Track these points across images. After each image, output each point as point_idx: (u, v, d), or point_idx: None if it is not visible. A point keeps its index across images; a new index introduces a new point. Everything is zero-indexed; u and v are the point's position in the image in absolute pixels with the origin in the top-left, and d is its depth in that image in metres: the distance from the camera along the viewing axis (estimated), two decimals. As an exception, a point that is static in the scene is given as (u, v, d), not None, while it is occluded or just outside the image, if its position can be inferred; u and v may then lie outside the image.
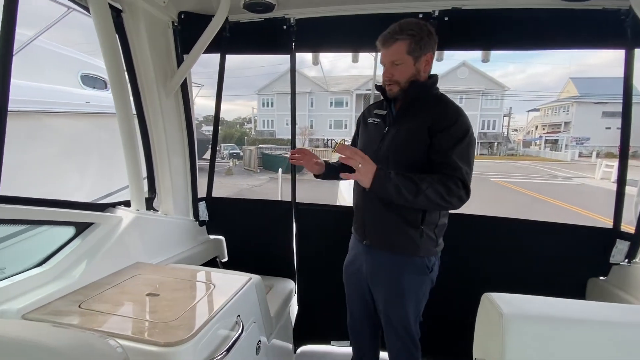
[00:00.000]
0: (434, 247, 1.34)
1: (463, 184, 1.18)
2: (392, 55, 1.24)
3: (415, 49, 1.22)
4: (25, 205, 1.07)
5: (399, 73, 1.26)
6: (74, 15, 2.59)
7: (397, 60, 1.24)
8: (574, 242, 1.62)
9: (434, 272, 1.37)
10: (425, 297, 1.40)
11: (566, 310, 0.69)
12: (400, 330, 1.40)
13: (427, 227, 1.30)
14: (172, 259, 1.66)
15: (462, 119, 1.24)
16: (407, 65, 1.24)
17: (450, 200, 1.17)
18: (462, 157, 1.20)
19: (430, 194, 1.15)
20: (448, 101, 1.30)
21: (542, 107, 42.92)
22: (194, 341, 0.89)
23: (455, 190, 1.16)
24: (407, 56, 1.23)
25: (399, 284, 1.35)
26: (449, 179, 1.17)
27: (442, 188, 1.16)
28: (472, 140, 1.23)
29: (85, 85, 3.89)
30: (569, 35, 1.47)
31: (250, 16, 1.69)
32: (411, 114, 1.29)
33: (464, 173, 1.19)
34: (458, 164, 1.19)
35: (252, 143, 28.27)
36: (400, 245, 1.32)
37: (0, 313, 0.96)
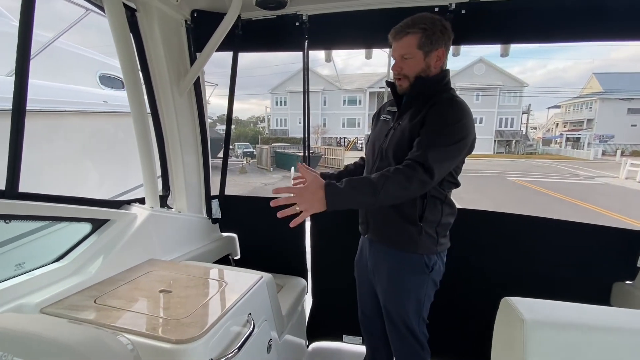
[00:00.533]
0: (434, 246, 1.30)
1: (423, 167, 1.08)
2: (402, 48, 1.21)
3: (426, 43, 1.19)
4: (43, 202, 1.10)
5: (408, 67, 1.23)
6: (93, 18, 2.65)
7: (406, 54, 1.21)
8: (598, 243, 1.54)
9: (435, 272, 1.33)
10: (429, 298, 1.36)
11: (596, 317, 0.64)
12: (402, 327, 1.37)
13: (427, 225, 1.26)
14: (185, 256, 1.67)
15: (454, 110, 1.17)
16: (416, 60, 1.21)
17: (411, 188, 1.08)
18: (431, 141, 1.12)
19: (390, 187, 1.06)
20: (448, 94, 1.23)
21: (563, 104, 41.44)
22: (205, 339, 0.89)
23: (413, 175, 1.07)
24: (418, 50, 1.19)
25: (398, 280, 1.33)
26: (405, 165, 1.10)
27: (400, 177, 1.07)
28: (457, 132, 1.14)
29: (103, 85, 4.00)
30: (596, 26, 1.39)
31: (263, 13, 1.68)
32: (412, 111, 1.25)
33: (428, 157, 1.08)
34: (422, 147, 1.11)
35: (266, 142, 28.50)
36: (398, 240, 1.31)
37: (20, 306, 0.98)
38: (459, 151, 1.17)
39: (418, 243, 1.27)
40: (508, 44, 1.60)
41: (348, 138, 35.24)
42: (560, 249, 1.58)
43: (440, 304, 1.41)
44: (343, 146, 30.05)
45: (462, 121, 1.16)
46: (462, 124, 1.16)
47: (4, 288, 0.99)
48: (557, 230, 1.60)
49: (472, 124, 1.20)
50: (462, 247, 1.40)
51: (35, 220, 1.12)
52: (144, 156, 1.50)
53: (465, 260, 1.46)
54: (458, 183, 1.31)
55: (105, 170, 3.38)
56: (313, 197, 1.04)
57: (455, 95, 1.25)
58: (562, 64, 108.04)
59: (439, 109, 1.18)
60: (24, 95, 1.02)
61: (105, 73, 4.10)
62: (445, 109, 1.18)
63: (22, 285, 1.03)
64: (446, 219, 1.30)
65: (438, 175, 1.12)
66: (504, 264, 1.65)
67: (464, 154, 1.21)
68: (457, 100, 1.21)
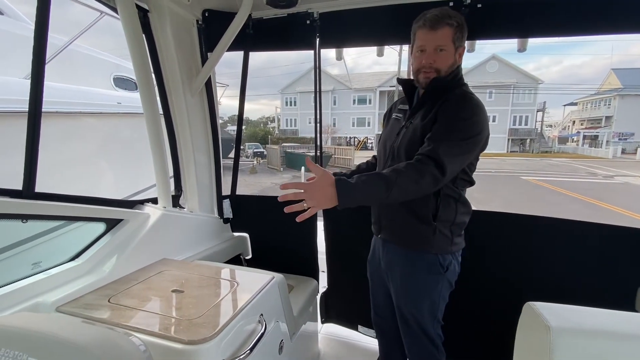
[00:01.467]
0: (449, 246, 1.27)
1: (435, 162, 1.05)
2: (440, 39, 1.15)
3: (458, 37, 1.17)
4: (59, 202, 1.11)
5: (441, 60, 1.17)
6: (109, 21, 2.70)
7: (443, 46, 1.16)
8: (620, 245, 1.47)
9: (450, 272, 1.30)
10: (444, 299, 1.33)
11: (628, 324, 0.60)
12: (416, 329, 1.34)
13: (442, 224, 1.23)
14: (197, 255, 1.68)
15: (466, 105, 1.14)
16: (449, 54, 1.17)
17: (423, 182, 1.05)
18: (444, 136, 1.09)
19: (402, 182, 1.03)
20: (460, 89, 1.20)
21: (580, 101, 40.28)
22: (217, 339, 0.89)
23: (425, 169, 1.04)
24: (451, 44, 1.16)
25: (411, 279, 1.31)
26: (416, 160, 1.07)
27: (411, 171, 1.05)
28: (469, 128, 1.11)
29: (117, 87, 4.08)
30: (617, 18, 1.33)
31: (273, 12, 1.67)
32: (425, 109, 1.23)
33: (439, 152, 1.06)
34: (433, 142, 1.08)
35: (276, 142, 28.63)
36: (411, 240, 1.29)
37: (36, 305, 1.00)
38: (472, 147, 1.14)
39: (432, 242, 1.25)
40: (525, 39, 1.55)
41: (358, 137, 35.09)
42: (579, 251, 1.52)
43: (456, 306, 1.37)
44: (353, 146, 29.93)
45: (475, 117, 1.13)
46: (475, 120, 1.13)
47: (22, 287, 1.01)
48: (576, 232, 1.53)
49: (486, 119, 1.17)
50: (478, 249, 1.36)
51: (51, 219, 1.14)
52: (156, 156, 1.51)
53: (482, 262, 1.42)
54: (472, 181, 1.28)
55: (119, 170, 3.44)
56: (322, 192, 1.00)
57: (469, 90, 1.22)
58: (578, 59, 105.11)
59: (451, 104, 1.15)
60: (39, 98, 1.03)
61: (119, 75, 4.18)
62: (458, 104, 1.15)
63: (38, 284, 1.05)
64: (461, 218, 1.27)
65: (450, 170, 1.08)
66: (521, 266, 1.60)
67: (477, 150, 1.17)
68: (470, 95, 1.18)
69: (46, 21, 1.02)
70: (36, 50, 1.02)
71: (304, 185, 1.01)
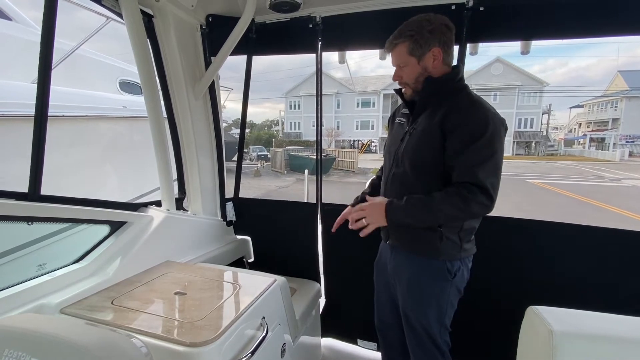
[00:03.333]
0: (457, 252, 1.25)
1: (480, 188, 1.10)
2: (396, 59, 1.26)
3: (415, 48, 1.20)
4: (64, 204, 1.13)
5: (405, 74, 1.26)
6: (114, 26, 2.75)
7: (401, 63, 1.25)
8: (631, 250, 1.45)
9: (458, 279, 1.28)
10: (452, 306, 1.32)
11: (629, 328, 0.60)
12: (423, 335, 1.32)
13: (449, 230, 1.22)
14: (200, 258, 1.69)
15: (477, 114, 1.14)
16: (411, 66, 1.23)
17: (468, 209, 1.12)
18: (476, 159, 1.11)
19: (446, 208, 1.13)
20: (463, 94, 1.21)
21: (587, 103, 39.88)
22: (218, 342, 0.89)
23: (470, 197, 1.10)
24: (410, 57, 1.22)
25: (418, 286, 1.30)
26: (461, 187, 1.12)
27: (456, 199, 1.12)
28: (493, 136, 1.12)
29: (122, 91, 4.14)
30: (624, 20, 1.32)
31: (276, 16, 1.69)
32: (427, 114, 1.24)
33: (480, 176, 1.10)
34: (471, 168, 1.11)
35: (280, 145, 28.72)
36: (419, 247, 1.28)
37: (41, 306, 1.01)
38: (500, 153, 1.16)
39: (439, 249, 1.23)
40: (528, 41, 1.54)
41: (362, 140, 35.07)
42: (588, 256, 1.50)
43: (464, 312, 1.35)
44: (357, 148, 29.91)
45: (491, 123, 1.13)
46: (492, 128, 1.13)
47: (27, 288, 1.02)
48: (584, 237, 1.51)
49: (495, 115, 1.17)
50: (484, 254, 1.35)
51: (56, 222, 1.15)
52: (160, 159, 1.52)
53: (489, 268, 1.40)
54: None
55: (124, 173, 3.47)
56: (378, 211, 1.22)
57: (471, 92, 1.22)
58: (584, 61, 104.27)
59: (462, 116, 1.15)
60: (46, 102, 1.05)
61: (124, 79, 4.23)
62: (470, 115, 1.14)
63: (43, 286, 1.06)
64: (469, 224, 1.26)
65: (495, 192, 1.13)
66: (529, 272, 1.58)
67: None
68: (476, 100, 1.18)
69: (53, 26, 1.04)
70: (43, 54, 1.03)
71: (364, 206, 1.27)
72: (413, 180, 1.24)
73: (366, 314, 1.69)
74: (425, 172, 1.22)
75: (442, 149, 1.17)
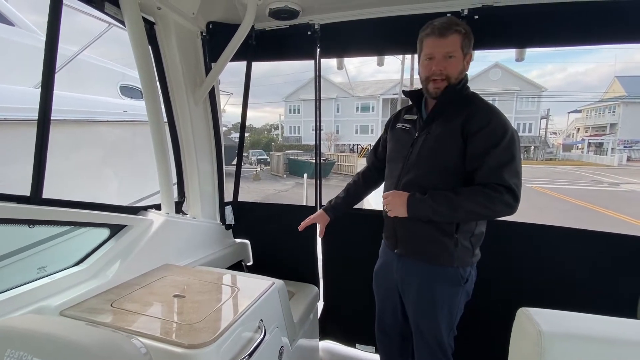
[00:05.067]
0: (469, 258, 1.27)
1: (506, 188, 1.11)
2: (450, 45, 1.16)
3: (466, 45, 1.19)
4: (65, 207, 1.14)
5: (451, 67, 1.18)
6: (115, 31, 2.78)
7: (453, 52, 1.17)
8: (625, 253, 1.47)
9: (469, 283, 1.30)
10: (460, 310, 1.32)
11: (616, 330, 0.61)
12: (432, 343, 1.33)
13: (462, 236, 1.23)
14: (199, 261, 1.70)
15: (497, 118, 1.17)
16: (458, 60, 1.19)
17: (494, 208, 1.13)
18: (500, 161, 1.13)
19: (469, 205, 1.14)
20: (479, 100, 1.24)
21: (584, 108, 40.08)
22: (216, 344, 0.90)
23: (497, 197, 1.11)
24: (460, 50, 1.18)
25: (431, 294, 1.29)
26: (487, 187, 1.12)
27: (481, 197, 1.12)
28: (513, 140, 1.15)
29: (123, 95, 4.17)
30: (616, 29, 1.35)
31: (276, 24, 1.72)
32: (443, 119, 1.24)
33: (505, 177, 1.12)
34: (496, 169, 1.13)
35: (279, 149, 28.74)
36: (433, 254, 1.27)
37: (41, 309, 1.02)
38: (519, 158, 1.17)
39: (454, 255, 1.24)
40: (522, 49, 1.57)
41: (361, 145, 35.13)
42: (584, 259, 1.51)
43: (465, 314, 1.37)
44: (356, 153, 29.96)
45: (508, 128, 1.16)
46: (510, 131, 1.16)
47: (27, 290, 1.03)
48: (580, 240, 1.53)
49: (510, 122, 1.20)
50: (485, 258, 1.36)
51: (56, 225, 1.17)
52: (160, 163, 1.54)
53: (487, 271, 1.42)
54: None
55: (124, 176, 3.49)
56: (399, 201, 1.23)
57: (483, 98, 1.26)
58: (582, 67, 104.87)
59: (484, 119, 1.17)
60: (49, 106, 1.07)
61: (125, 84, 4.27)
62: (490, 120, 1.17)
63: (43, 288, 1.07)
64: (479, 229, 1.27)
65: (520, 191, 1.14)
66: (525, 275, 1.60)
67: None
68: (491, 105, 1.22)
69: (57, 32, 1.06)
70: (47, 60, 1.06)
71: (388, 194, 1.29)
72: (432, 183, 1.23)
73: (364, 318, 1.70)
74: (444, 176, 1.22)
75: (462, 153, 1.18)
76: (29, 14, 3.64)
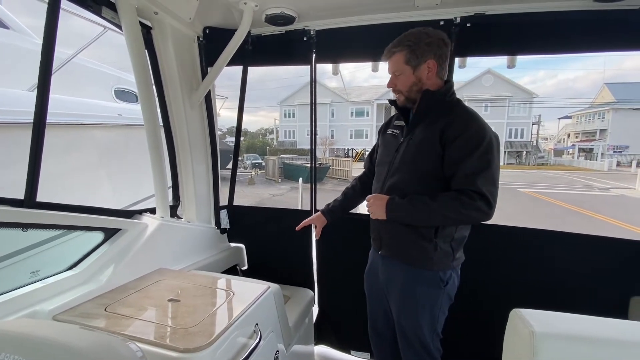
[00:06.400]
0: (450, 261, 1.29)
1: (479, 195, 1.14)
2: (392, 67, 1.30)
3: (412, 58, 1.24)
4: (59, 211, 1.13)
5: (400, 83, 1.30)
6: (110, 34, 2.78)
7: (396, 71, 1.29)
8: (615, 257, 1.50)
9: (450, 286, 1.31)
10: (443, 312, 1.34)
11: (607, 330, 0.63)
12: (416, 343, 1.34)
13: (442, 240, 1.26)
14: (194, 265, 1.69)
15: (475, 126, 1.20)
16: (406, 75, 1.28)
17: (468, 214, 1.16)
18: (475, 168, 1.16)
19: (444, 210, 1.18)
20: (460, 107, 1.27)
21: (575, 114, 40.86)
22: (212, 348, 0.89)
23: (471, 203, 1.14)
24: (406, 66, 1.26)
25: (412, 296, 1.32)
26: (462, 193, 1.16)
27: (456, 203, 1.16)
28: (490, 146, 1.18)
29: (118, 99, 4.14)
30: (602, 37, 1.40)
31: (272, 29, 1.74)
32: (424, 125, 1.28)
33: (479, 184, 1.15)
34: (470, 176, 1.16)
35: (274, 153, 28.73)
36: (413, 257, 1.30)
37: (34, 313, 1.01)
38: (497, 160, 1.20)
39: (433, 259, 1.26)
40: (514, 56, 1.61)
41: (356, 149, 35.29)
42: (575, 262, 1.54)
43: (453, 318, 1.38)
44: (351, 157, 30.07)
45: (486, 135, 1.18)
46: (487, 138, 1.18)
47: (19, 295, 1.02)
48: (572, 244, 1.56)
49: (490, 129, 1.22)
50: (474, 261, 1.38)
51: (51, 229, 1.15)
52: (155, 167, 1.54)
53: (479, 274, 1.44)
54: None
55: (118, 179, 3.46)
56: (380, 203, 1.29)
57: (466, 106, 1.28)
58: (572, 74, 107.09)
59: (461, 126, 1.19)
60: (44, 110, 1.07)
61: (120, 87, 4.25)
62: (468, 127, 1.19)
63: (36, 293, 1.06)
64: (460, 233, 1.29)
65: (495, 199, 1.17)
66: (517, 279, 1.62)
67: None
68: (471, 112, 1.25)
69: (54, 35, 1.06)
70: (43, 64, 1.05)
71: (370, 197, 1.36)
72: (413, 188, 1.27)
73: (359, 324, 1.70)
74: (425, 181, 1.26)
75: (441, 159, 1.22)
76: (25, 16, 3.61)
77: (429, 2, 1.46)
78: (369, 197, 1.35)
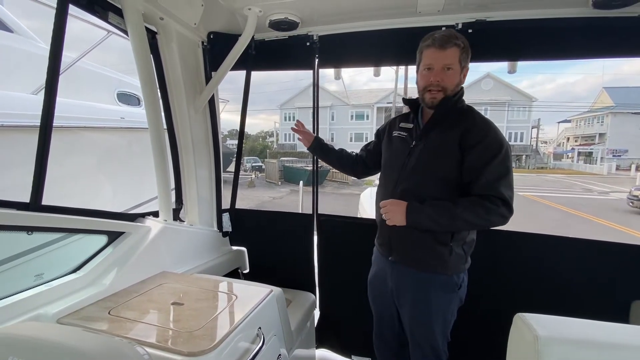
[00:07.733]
0: (463, 264, 1.30)
1: (502, 201, 1.16)
2: (448, 58, 1.19)
3: (464, 58, 1.22)
4: (63, 214, 1.14)
5: (448, 79, 1.22)
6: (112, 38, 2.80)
7: (451, 65, 1.20)
8: (616, 261, 1.51)
9: (462, 290, 1.32)
10: (454, 316, 1.34)
11: (610, 334, 0.63)
12: (427, 349, 1.34)
13: (456, 244, 1.26)
14: (197, 268, 1.69)
15: (493, 132, 1.21)
16: (456, 73, 1.22)
17: (490, 219, 1.17)
18: (497, 174, 1.17)
19: (467, 216, 1.17)
20: (476, 114, 1.28)
21: (574, 118, 40.94)
22: (216, 352, 0.90)
23: (494, 209, 1.15)
24: (458, 63, 1.21)
25: (426, 302, 1.30)
26: (485, 199, 1.16)
27: (479, 209, 1.16)
28: (507, 153, 1.20)
29: (120, 102, 4.16)
30: (602, 44, 1.42)
31: (275, 34, 1.75)
32: (440, 129, 1.27)
33: (502, 190, 1.16)
34: (493, 182, 1.16)
35: (274, 156, 28.72)
36: (428, 262, 1.29)
37: (38, 316, 1.01)
38: (512, 171, 1.21)
39: (448, 263, 1.26)
40: (515, 61, 1.63)
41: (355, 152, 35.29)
42: (576, 267, 1.55)
43: (458, 321, 1.38)
44: (351, 160, 29.99)
45: (504, 142, 1.20)
46: (505, 145, 1.20)
47: (24, 298, 1.03)
48: (572, 248, 1.57)
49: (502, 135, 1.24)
50: (478, 265, 1.39)
51: (55, 232, 1.16)
52: (159, 170, 1.54)
53: (483, 278, 1.44)
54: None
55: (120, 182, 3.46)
56: (399, 209, 1.23)
57: (479, 112, 1.29)
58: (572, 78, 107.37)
59: (481, 133, 1.20)
60: (51, 113, 1.08)
61: (122, 91, 4.26)
62: (487, 134, 1.21)
63: (40, 296, 1.06)
64: (470, 236, 1.31)
65: (512, 202, 1.18)
66: (519, 282, 1.63)
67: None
68: (487, 119, 1.26)
69: (61, 41, 1.08)
70: (50, 68, 1.07)
71: (386, 202, 1.27)
72: (429, 192, 1.25)
73: (360, 328, 1.70)
74: (442, 185, 1.25)
75: (459, 165, 1.22)
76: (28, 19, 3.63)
77: (431, 8, 1.48)
78: (385, 203, 1.26)
